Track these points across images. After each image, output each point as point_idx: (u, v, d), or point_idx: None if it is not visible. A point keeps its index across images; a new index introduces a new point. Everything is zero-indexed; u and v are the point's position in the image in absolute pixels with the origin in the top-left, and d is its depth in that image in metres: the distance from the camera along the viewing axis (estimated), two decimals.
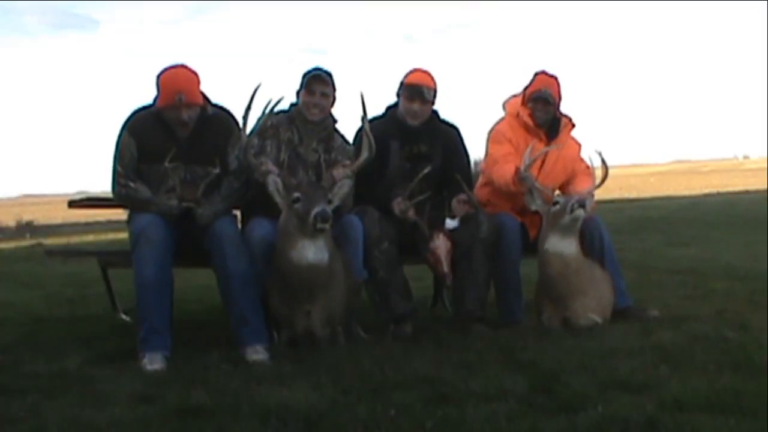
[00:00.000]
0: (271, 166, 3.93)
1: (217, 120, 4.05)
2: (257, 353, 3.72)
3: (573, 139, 4.74)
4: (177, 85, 3.89)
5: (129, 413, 2.86)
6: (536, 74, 4.64)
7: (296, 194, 3.76)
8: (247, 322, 3.81)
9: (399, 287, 4.27)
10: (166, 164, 3.88)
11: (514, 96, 4.79)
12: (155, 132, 3.95)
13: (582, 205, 4.16)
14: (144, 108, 4.04)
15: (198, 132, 3.99)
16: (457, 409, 2.77)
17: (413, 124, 4.44)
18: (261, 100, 3.90)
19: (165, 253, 3.80)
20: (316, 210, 3.64)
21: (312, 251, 3.74)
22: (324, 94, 4.20)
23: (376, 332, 4.20)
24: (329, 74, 4.23)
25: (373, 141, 4.02)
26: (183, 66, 3.98)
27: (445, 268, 4.22)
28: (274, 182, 3.84)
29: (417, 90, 4.40)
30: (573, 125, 4.74)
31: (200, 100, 3.97)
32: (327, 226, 3.69)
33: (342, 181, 3.95)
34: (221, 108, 4.12)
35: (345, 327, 4.08)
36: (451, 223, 4.28)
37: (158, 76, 3.94)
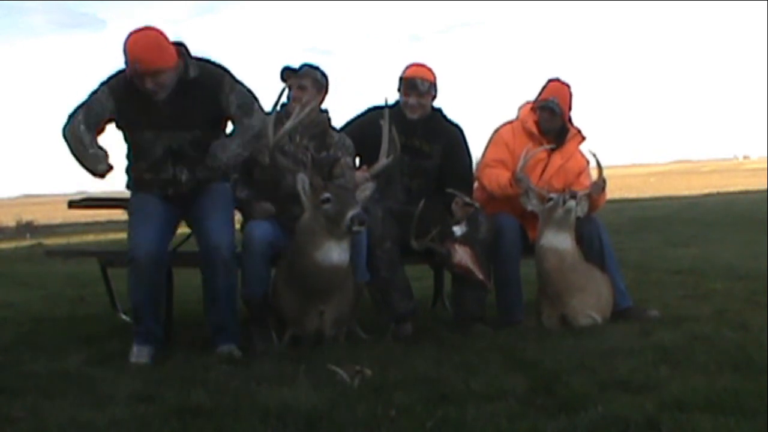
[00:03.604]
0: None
1: (200, 83, 3.80)
2: (228, 348, 3.82)
3: (580, 153, 4.69)
4: (133, 53, 3.62)
5: (129, 413, 2.85)
6: (549, 81, 4.61)
7: (326, 195, 3.74)
8: (225, 329, 3.89)
9: (400, 287, 4.27)
10: (147, 133, 3.76)
11: (529, 102, 4.79)
12: (135, 98, 3.74)
13: (573, 196, 4.20)
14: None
15: (179, 96, 3.75)
16: (457, 409, 2.77)
17: (412, 118, 4.44)
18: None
19: (160, 228, 3.80)
20: (352, 212, 3.64)
21: (337, 252, 3.74)
22: (300, 87, 4.15)
23: (376, 332, 4.21)
24: (308, 66, 4.19)
25: (398, 145, 4.03)
26: (145, 29, 3.68)
27: (479, 275, 4.21)
28: (301, 181, 3.83)
29: (411, 83, 4.42)
30: (583, 138, 4.69)
31: (165, 64, 3.67)
32: (363, 229, 3.71)
33: (365, 184, 3.95)
34: (206, 61, 3.87)
35: (347, 327, 4.09)
36: (459, 230, 4.26)
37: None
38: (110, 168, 3.77)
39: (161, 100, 3.75)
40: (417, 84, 4.42)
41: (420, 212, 4.16)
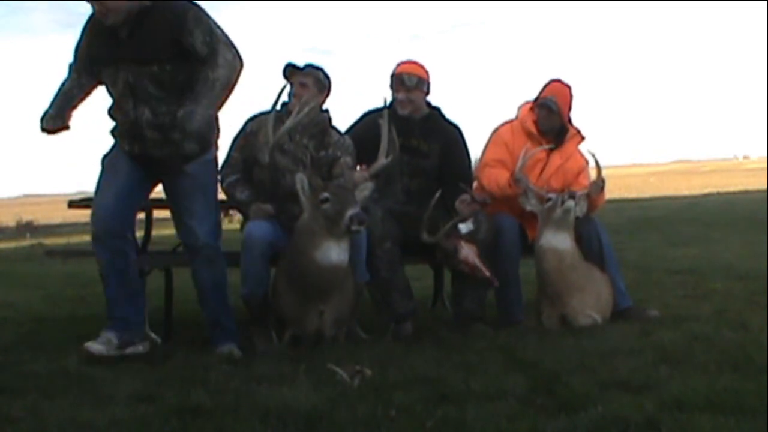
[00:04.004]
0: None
1: (156, 11, 3.58)
2: (228, 348, 3.80)
3: (579, 153, 4.69)
4: None
5: (129, 413, 2.85)
6: (550, 81, 4.62)
7: (325, 194, 3.74)
8: (219, 324, 3.89)
9: (400, 287, 4.28)
10: (108, 69, 3.64)
11: (529, 102, 4.79)
12: (103, 32, 3.62)
13: (572, 197, 4.20)
14: None
15: (136, 28, 3.58)
16: (457, 409, 2.77)
17: (403, 114, 4.43)
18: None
19: (124, 193, 3.74)
20: (351, 212, 3.64)
21: (336, 252, 3.74)
22: (302, 84, 4.15)
23: (376, 332, 4.21)
24: (312, 66, 4.21)
25: (397, 145, 4.02)
26: None
27: (486, 272, 4.20)
28: (300, 180, 3.83)
29: (399, 78, 4.44)
30: (582, 138, 4.69)
31: None
32: (362, 228, 3.71)
33: (364, 184, 3.94)
34: None
35: (348, 327, 4.09)
36: (465, 227, 4.24)
37: None
38: (50, 130, 3.73)
39: (122, 33, 3.59)
40: (404, 79, 4.42)
41: (432, 206, 4.15)
